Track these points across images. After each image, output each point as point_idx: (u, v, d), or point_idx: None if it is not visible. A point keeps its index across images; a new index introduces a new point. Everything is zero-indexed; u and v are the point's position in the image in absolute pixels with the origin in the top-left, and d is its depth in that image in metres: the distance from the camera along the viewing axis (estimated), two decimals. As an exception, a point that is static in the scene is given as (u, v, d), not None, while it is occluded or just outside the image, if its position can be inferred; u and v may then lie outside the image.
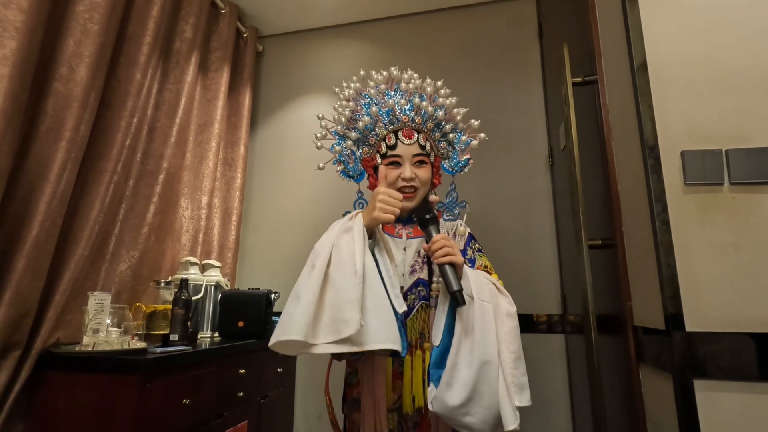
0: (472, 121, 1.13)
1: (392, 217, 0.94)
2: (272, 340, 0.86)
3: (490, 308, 0.93)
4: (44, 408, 1.22)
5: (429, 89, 1.09)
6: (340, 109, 1.12)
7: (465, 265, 0.98)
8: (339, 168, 1.15)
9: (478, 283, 0.96)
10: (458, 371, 0.90)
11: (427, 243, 0.99)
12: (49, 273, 1.30)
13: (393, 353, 0.90)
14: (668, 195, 0.89)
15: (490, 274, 1.06)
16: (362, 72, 1.15)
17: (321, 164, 1.14)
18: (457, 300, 0.92)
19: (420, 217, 1.00)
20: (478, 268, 1.06)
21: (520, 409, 0.93)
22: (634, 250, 1.04)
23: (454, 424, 0.92)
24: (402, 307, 0.92)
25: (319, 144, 1.14)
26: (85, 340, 1.30)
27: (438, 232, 0.99)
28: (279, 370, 1.97)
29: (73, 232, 1.41)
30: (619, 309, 1.10)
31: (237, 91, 2.43)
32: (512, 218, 2.09)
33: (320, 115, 1.15)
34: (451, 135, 1.10)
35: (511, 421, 0.88)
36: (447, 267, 0.92)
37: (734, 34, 0.92)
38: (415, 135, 1.04)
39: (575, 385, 1.78)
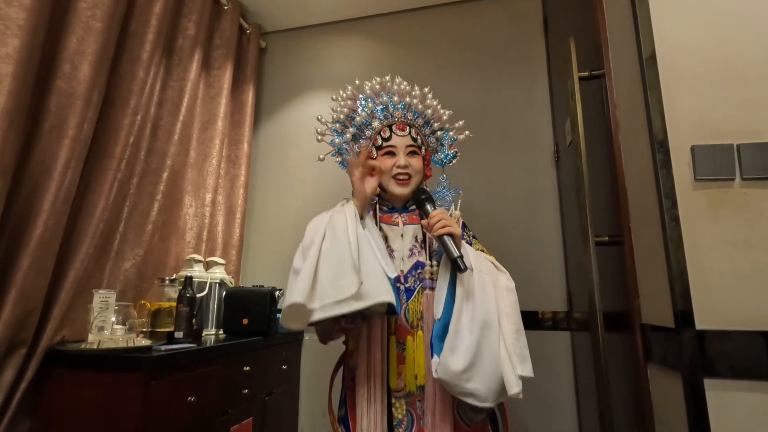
0: (459, 122, 1.24)
1: (366, 173, 1.04)
2: (281, 315, 0.94)
3: (490, 280, 0.99)
4: (50, 406, 1.23)
5: (417, 93, 1.20)
6: (339, 108, 1.23)
7: (463, 241, 1.04)
8: (338, 159, 1.25)
9: (476, 257, 1.03)
10: (460, 337, 0.94)
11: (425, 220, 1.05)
12: (54, 271, 1.30)
13: (389, 311, 0.95)
14: (678, 190, 0.87)
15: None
16: (357, 81, 1.24)
17: (321, 156, 1.25)
18: (458, 266, 0.96)
19: (416, 198, 1.09)
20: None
21: (523, 380, 0.94)
22: (642, 247, 1.02)
23: (458, 391, 0.93)
24: (392, 273, 0.97)
25: (319, 138, 1.24)
26: (90, 337, 1.31)
27: (434, 208, 1.05)
28: (284, 367, 1.97)
29: (78, 230, 1.41)
30: (627, 306, 1.08)
31: (240, 89, 2.42)
32: (517, 215, 2.07)
33: (320, 116, 1.26)
34: (439, 132, 1.22)
35: (513, 385, 0.90)
36: (446, 237, 0.98)
37: (745, 26, 0.90)
38: (408, 128, 1.15)
39: (581, 382, 1.77)
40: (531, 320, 1.95)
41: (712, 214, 0.85)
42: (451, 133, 1.23)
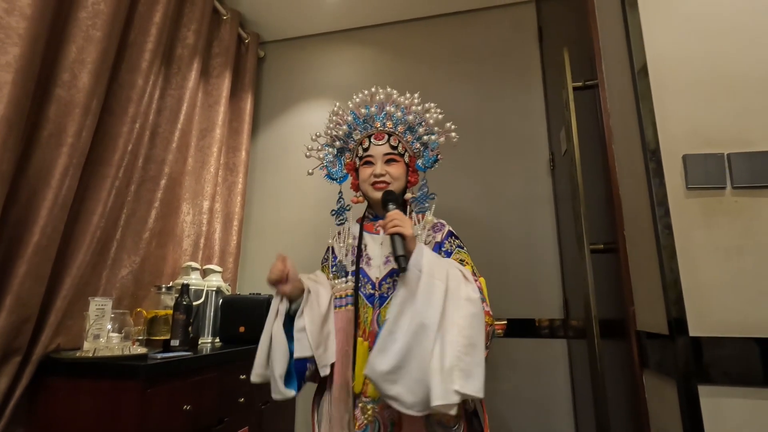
0: (448, 124, 1.22)
1: (275, 277, 1.05)
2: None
3: (442, 286, 0.92)
4: (45, 414, 1.22)
5: (406, 101, 1.21)
6: (330, 124, 1.27)
7: (424, 245, 1.00)
8: (323, 173, 1.27)
9: (434, 262, 0.96)
10: (393, 338, 0.90)
11: None
12: (50, 278, 1.30)
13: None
14: (670, 199, 0.88)
15: (464, 266, 1.07)
16: (337, 103, 1.27)
17: (310, 170, 1.28)
18: (399, 264, 0.94)
19: (383, 199, 1.10)
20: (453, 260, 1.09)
21: (465, 395, 0.87)
22: (636, 254, 1.03)
23: (383, 393, 0.90)
24: (300, 353, 1.02)
25: (308, 154, 1.28)
26: (86, 345, 1.30)
27: (396, 210, 1.05)
28: (280, 375, 1.96)
29: (75, 237, 1.41)
30: (622, 313, 1.09)
31: (238, 97, 2.44)
32: (514, 222, 2.08)
33: (315, 134, 1.29)
34: (425, 138, 1.20)
35: (438, 395, 0.83)
36: (395, 237, 0.97)
37: (735, 37, 0.92)
38: (386, 137, 1.17)
39: (578, 390, 1.77)
40: (528, 328, 1.95)
41: (705, 222, 0.86)
42: (433, 137, 1.21)
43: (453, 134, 1.22)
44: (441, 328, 0.89)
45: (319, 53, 2.60)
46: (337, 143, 1.24)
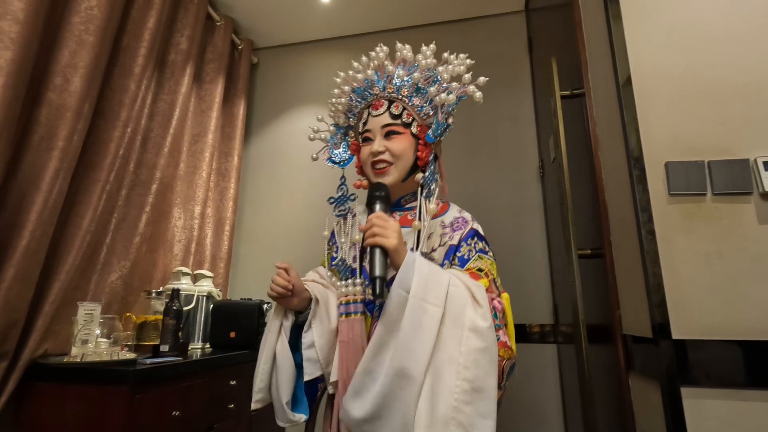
0: (466, 75, 0.94)
1: (280, 293, 0.87)
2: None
3: (437, 314, 0.74)
4: (31, 420, 1.20)
5: (418, 56, 0.96)
6: (333, 100, 1.06)
7: (417, 255, 0.79)
8: (325, 156, 1.07)
9: (430, 279, 0.76)
10: (372, 379, 0.74)
11: None
12: (39, 283, 1.29)
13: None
14: (653, 205, 0.91)
15: (480, 278, 0.86)
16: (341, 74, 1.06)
17: (314, 155, 1.08)
18: (373, 291, 0.76)
19: (368, 194, 0.90)
20: (468, 270, 0.87)
21: None
22: (622, 259, 1.05)
23: None
24: (311, 374, 0.88)
25: (312, 136, 1.08)
26: (74, 350, 1.29)
27: (383, 211, 0.86)
28: (271, 381, 1.95)
29: (64, 241, 1.40)
30: (609, 318, 1.11)
31: (231, 102, 2.45)
32: (505, 228, 2.10)
33: (319, 116, 1.13)
34: (437, 99, 0.92)
35: None
36: (375, 250, 0.78)
37: (715, 48, 0.96)
38: (386, 104, 0.93)
39: (567, 394, 1.79)
40: (519, 333, 1.97)
41: (686, 228, 0.89)
42: (451, 96, 0.91)
43: (474, 88, 0.92)
44: (433, 369, 0.72)
45: (312, 60, 2.63)
46: (341, 120, 1.04)
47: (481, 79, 0.93)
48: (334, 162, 1.05)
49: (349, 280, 0.91)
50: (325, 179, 2.31)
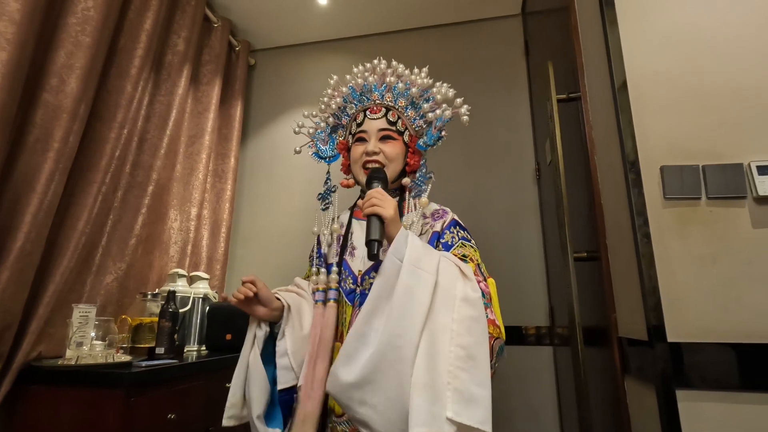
0: (459, 100, 1.01)
1: (241, 298, 0.88)
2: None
3: (430, 280, 0.74)
4: (25, 423, 1.19)
5: (412, 75, 1.04)
6: (324, 98, 1.10)
7: (409, 232, 0.82)
8: (312, 150, 1.10)
9: (421, 252, 0.78)
10: (364, 343, 0.73)
11: None
12: (33, 285, 1.28)
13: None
14: (649, 209, 0.91)
15: (465, 262, 0.87)
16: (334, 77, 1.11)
17: (297, 148, 1.10)
18: (369, 251, 0.79)
19: (368, 176, 0.94)
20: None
21: (462, 427, 0.67)
22: (617, 263, 1.06)
23: (350, 414, 0.73)
24: (285, 383, 0.87)
25: (296, 130, 1.10)
26: (69, 353, 1.28)
27: (377, 188, 0.89)
28: (267, 384, 1.94)
29: (59, 243, 1.39)
30: (605, 320, 1.12)
31: (228, 104, 2.45)
32: (501, 230, 2.11)
33: (306, 113, 1.14)
34: (430, 114, 1.00)
35: (419, 420, 0.65)
36: (372, 218, 0.81)
37: (709, 54, 0.97)
38: (383, 111, 1.00)
39: (563, 396, 1.79)
40: (515, 336, 1.97)
41: (681, 231, 0.89)
42: (447, 113, 0.98)
43: (464, 110, 1.00)
44: (428, 333, 0.71)
45: (309, 62, 2.63)
46: (330, 119, 1.08)
47: (465, 107, 1.00)
48: (320, 158, 1.08)
49: (331, 269, 0.94)
50: (322, 181, 2.30)
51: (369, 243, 0.79)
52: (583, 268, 1.26)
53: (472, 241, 0.96)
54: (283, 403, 0.87)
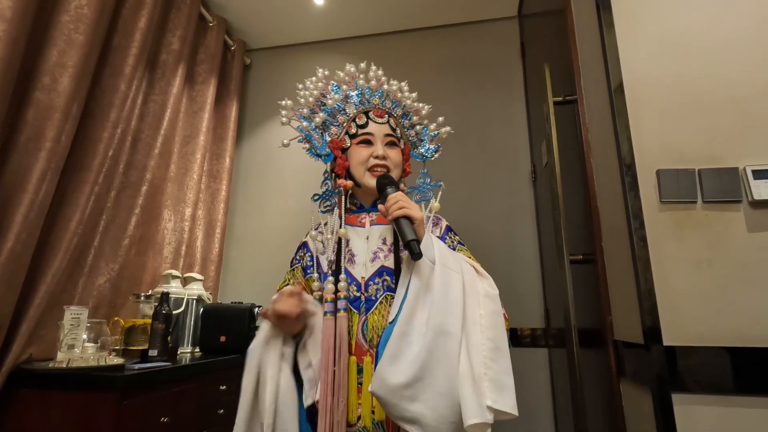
0: (440, 118, 1.09)
1: (284, 312, 0.83)
2: None
3: (459, 278, 0.79)
4: (15, 427, 1.17)
5: (394, 84, 1.08)
6: (308, 91, 1.09)
7: (431, 233, 0.86)
8: (305, 146, 1.06)
9: (446, 252, 0.83)
10: (408, 342, 0.74)
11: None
12: (24, 286, 1.26)
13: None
14: (645, 212, 0.92)
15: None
16: (326, 72, 1.13)
17: (285, 141, 1.07)
18: (411, 251, 0.80)
19: (380, 183, 0.94)
20: None
21: (497, 413, 0.72)
22: (613, 265, 1.06)
23: (398, 414, 0.73)
24: (313, 397, 0.84)
25: (284, 121, 1.08)
26: (60, 356, 1.26)
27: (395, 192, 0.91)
28: (261, 385, 1.93)
29: (51, 243, 1.37)
30: (600, 323, 1.12)
31: (223, 104, 2.43)
32: (497, 233, 2.11)
33: (285, 100, 1.10)
34: (417, 127, 1.08)
35: (473, 412, 0.68)
36: (402, 220, 0.83)
37: (705, 58, 0.97)
38: (386, 116, 1.02)
39: (558, 399, 1.79)
40: (510, 337, 1.97)
41: (677, 235, 0.90)
42: (432, 126, 1.08)
43: (448, 127, 1.09)
44: (464, 328, 0.76)
45: (305, 62, 2.61)
46: (321, 115, 1.05)
47: (447, 128, 1.10)
48: (317, 155, 1.05)
49: (339, 277, 0.90)
50: (318, 182, 2.29)
51: (409, 243, 0.81)
52: (579, 271, 1.26)
53: (466, 245, 1.01)
54: (311, 418, 0.84)
